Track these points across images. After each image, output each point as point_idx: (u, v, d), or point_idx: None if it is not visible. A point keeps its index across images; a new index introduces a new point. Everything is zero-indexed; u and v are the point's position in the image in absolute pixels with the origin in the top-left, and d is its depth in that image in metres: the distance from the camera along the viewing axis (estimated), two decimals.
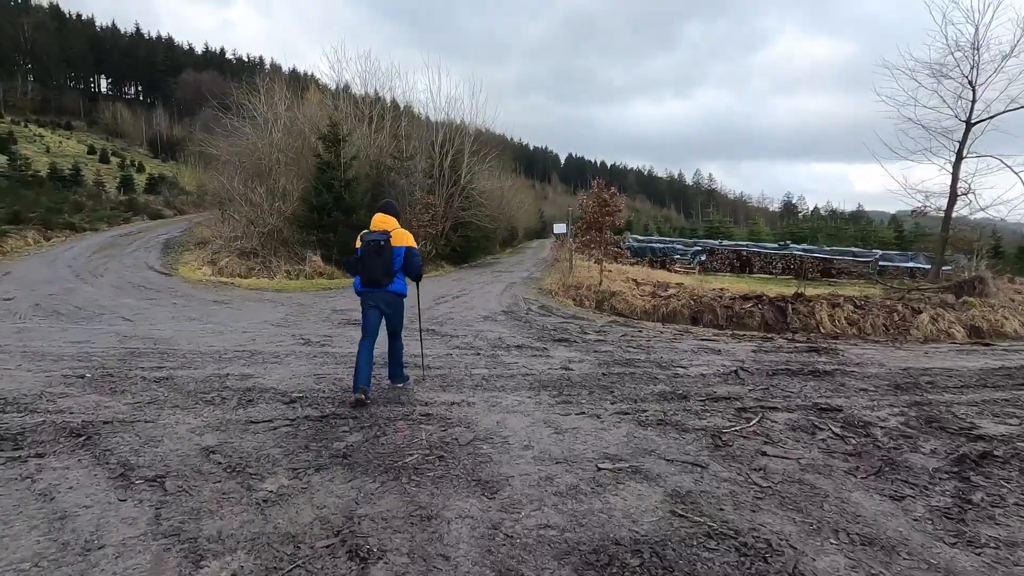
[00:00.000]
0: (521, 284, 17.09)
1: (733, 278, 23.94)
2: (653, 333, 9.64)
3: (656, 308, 14.59)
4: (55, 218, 22.63)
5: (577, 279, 16.30)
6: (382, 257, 4.48)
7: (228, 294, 11.88)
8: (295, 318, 9.16)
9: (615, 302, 15.16)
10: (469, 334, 8.35)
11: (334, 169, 18.21)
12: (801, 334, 11.77)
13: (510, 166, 52.34)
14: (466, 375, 5.70)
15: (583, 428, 4.10)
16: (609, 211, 15.31)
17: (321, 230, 18.01)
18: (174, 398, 4.45)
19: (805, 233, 35.87)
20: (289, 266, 16.51)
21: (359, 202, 18.65)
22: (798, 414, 4.66)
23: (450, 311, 10.81)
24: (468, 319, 9.92)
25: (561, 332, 9.00)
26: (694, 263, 25.59)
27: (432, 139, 25.81)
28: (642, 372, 6.08)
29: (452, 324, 9.25)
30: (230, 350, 6.49)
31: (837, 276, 23.98)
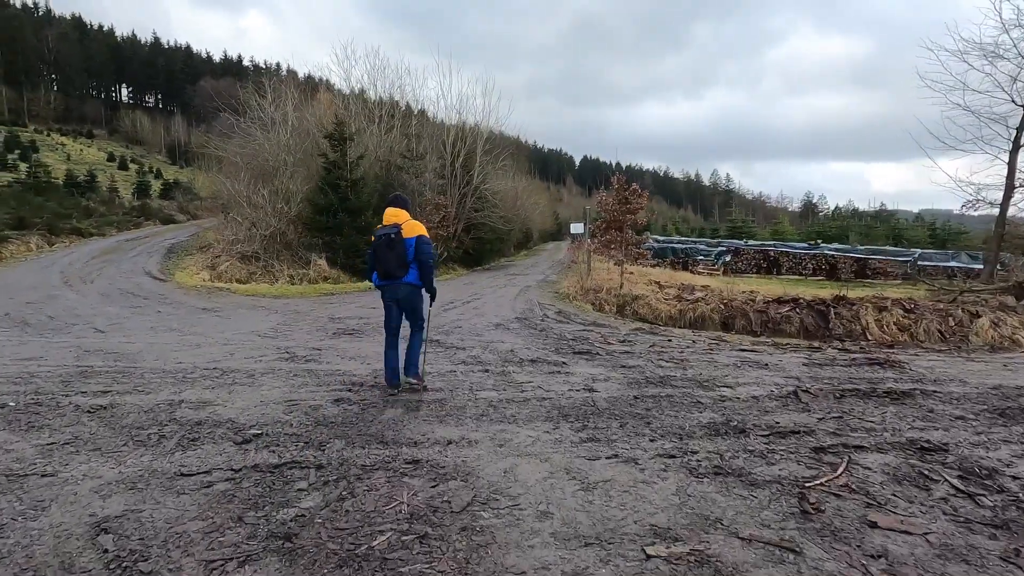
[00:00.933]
0: (536, 288, 16.10)
1: (761, 280, 22.67)
2: (684, 343, 8.58)
3: (682, 313, 13.50)
4: (61, 223, 22.22)
5: (596, 282, 15.27)
6: (394, 250, 4.47)
7: (221, 301, 11.08)
8: (286, 328, 8.29)
9: (637, 307, 14.09)
10: (478, 345, 7.39)
11: (340, 169, 17.43)
12: (849, 342, 10.59)
13: (524, 168, 51.45)
14: (470, 399, 4.73)
15: (618, 480, 3.11)
16: (630, 209, 14.26)
17: (326, 232, 17.23)
18: (101, 437, 3.56)
19: (832, 232, 34.30)
20: (293, 270, 15.74)
21: (366, 203, 17.84)
22: (894, 456, 3.61)
23: (459, 318, 9.87)
24: (478, 327, 8.96)
25: (581, 342, 8.00)
26: (718, 264, 24.34)
27: (443, 138, 24.98)
28: (681, 394, 5.06)
29: (459, 334, 8.30)
30: (199, 367, 5.60)
31: (873, 277, 22.57)
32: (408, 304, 4.74)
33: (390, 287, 4.65)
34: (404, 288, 4.63)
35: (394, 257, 4.49)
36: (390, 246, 4.49)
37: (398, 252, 4.48)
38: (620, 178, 14.31)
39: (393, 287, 4.63)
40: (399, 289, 4.63)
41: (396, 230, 4.53)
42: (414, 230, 4.59)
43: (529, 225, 43.41)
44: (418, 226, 4.68)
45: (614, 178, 14.28)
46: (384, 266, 4.54)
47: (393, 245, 4.49)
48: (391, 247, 4.49)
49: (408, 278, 4.59)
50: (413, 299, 4.73)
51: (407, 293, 4.67)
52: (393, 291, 4.65)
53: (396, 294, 4.66)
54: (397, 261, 4.50)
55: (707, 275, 22.76)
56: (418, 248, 4.57)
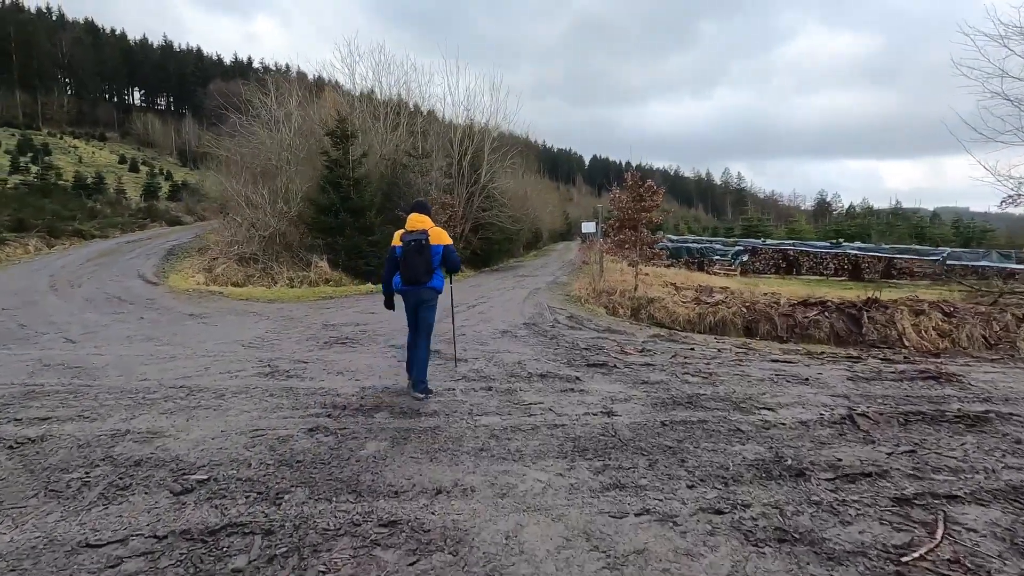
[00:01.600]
0: (546, 290, 15.37)
1: (780, 280, 21.77)
2: (709, 351, 7.82)
3: (702, 317, 12.71)
4: (63, 225, 21.86)
5: (609, 284, 14.52)
6: (423, 255, 4.56)
7: (211, 306, 10.48)
8: (274, 336, 7.65)
9: (653, 310, 13.32)
10: (482, 357, 6.69)
11: (341, 167, 16.82)
12: (886, 349, 9.76)
13: (534, 167, 50.74)
14: (469, 426, 4.03)
15: (654, 551, 2.39)
16: (645, 207, 13.50)
17: (327, 233, 16.62)
18: (11, 484, 2.89)
19: (852, 231, 33.21)
20: (293, 272, 15.14)
21: (369, 202, 17.21)
22: (1000, 510, 2.85)
23: (463, 324, 9.17)
24: (483, 335, 8.26)
25: (596, 352, 7.27)
26: (735, 264, 23.46)
27: (451, 136, 24.34)
28: (716, 419, 4.32)
29: (463, 342, 7.60)
30: (165, 385, 4.96)
31: (899, 277, 21.58)
32: (427, 308, 4.81)
33: (414, 291, 4.71)
34: (427, 292, 4.72)
35: (422, 262, 4.56)
36: (419, 251, 4.56)
37: (426, 257, 4.57)
38: (634, 175, 13.55)
39: (417, 291, 4.70)
40: (423, 292, 4.70)
41: (424, 236, 4.60)
42: (440, 238, 4.72)
43: (539, 225, 42.68)
44: (444, 234, 4.78)
45: (628, 175, 13.52)
46: (412, 271, 4.59)
47: (422, 250, 4.56)
48: (420, 252, 4.56)
49: (432, 283, 4.70)
50: (432, 303, 4.83)
51: (427, 297, 4.75)
52: (417, 295, 4.72)
53: (420, 297, 4.73)
54: (424, 266, 4.57)
55: (723, 276, 21.90)
56: (447, 257, 4.78)
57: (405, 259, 4.62)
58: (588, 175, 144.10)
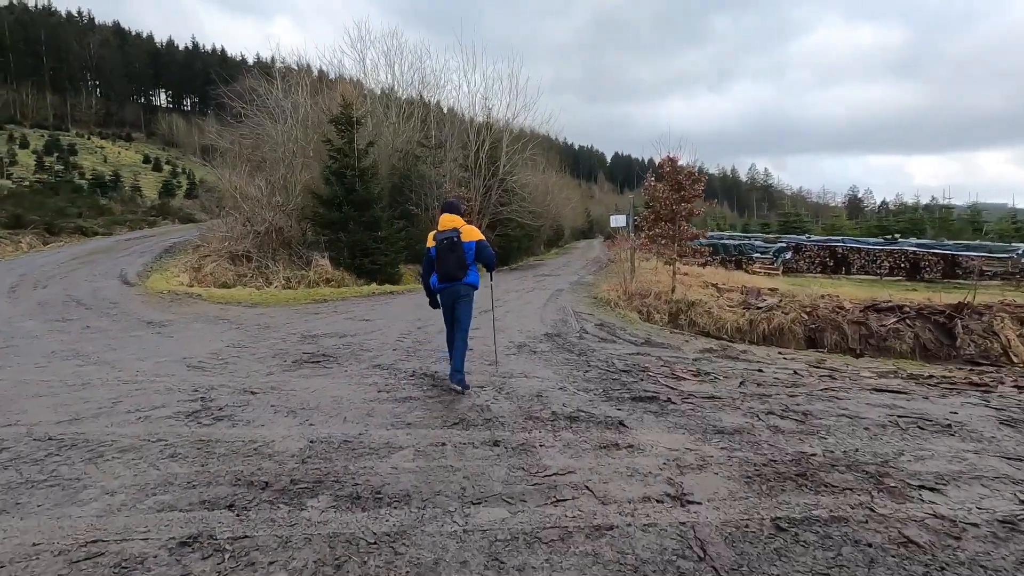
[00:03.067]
0: (570, 292, 13.71)
1: (829, 281, 19.69)
2: (782, 372, 6.10)
3: (753, 325, 10.89)
4: (63, 222, 20.97)
5: (642, 285, 12.79)
6: (455, 252, 4.64)
7: (181, 311, 9.10)
8: (234, 352, 6.17)
9: (695, 315, 11.55)
10: (490, 384, 5.11)
11: (346, 156, 15.39)
12: (993, 367, 7.88)
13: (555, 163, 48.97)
14: (454, 530, 2.43)
15: None
16: (685, 197, 11.73)
17: (330, 228, 15.22)
18: None
19: (899, 226, 30.72)
20: (291, 271, 13.76)
21: (376, 195, 15.75)
22: None
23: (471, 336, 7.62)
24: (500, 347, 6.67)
25: (638, 376, 5.62)
26: (777, 262, 21.41)
27: (466, 125, 22.81)
28: (860, 516, 2.64)
29: (469, 360, 6.02)
30: (33, 434, 3.48)
31: (965, 277, 19.32)
32: (463, 303, 4.86)
33: (451, 288, 4.79)
34: (463, 288, 4.79)
35: (455, 259, 4.65)
36: (452, 249, 4.64)
37: (459, 254, 4.65)
38: (672, 160, 11.79)
39: (454, 288, 4.77)
40: (459, 289, 4.77)
41: (456, 234, 4.68)
42: (472, 235, 4.78)
43: (560, 222, 40.99)
44: (475, 231, 4.85)
45: (664, 158, 11.77)
46: (446, 268, 4.69)
47: (455, 248, 4.65)
48: (453, 250, 4.64)
49: (467, 279, 4.77)
50: (468, 299, 4.88)
51: (464, 293, 4.81)
52: (454, 291, 4.79)
53: (456, 293, 4.79)
54: (457, 263, 4.66)
55: (764, 275, 19.90)
56: (481, 252, 4.79)
57: (439, 257, 4.70)
58: (610, 172, 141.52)
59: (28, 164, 46.78)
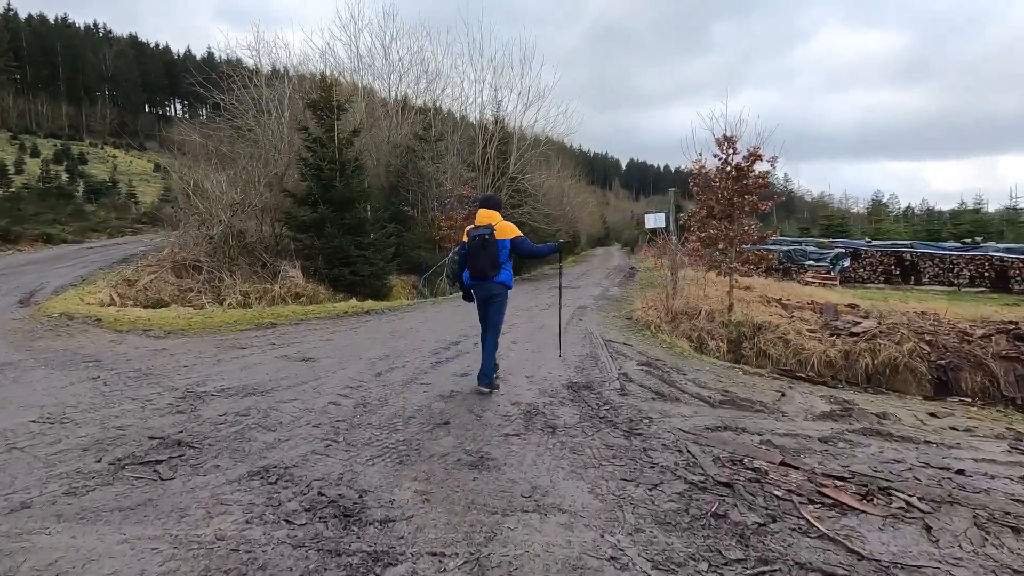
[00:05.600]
0: (595, 309, 10.97)
1: (897, 292, 16.66)
2: (1001, 472, 3.30)
3: (850, 358, 8.01)
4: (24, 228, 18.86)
5: (687, 302, 10.00)
6: (487, 250, 4.54)
7: (46, 345, 6.55)
8: (25, 437, 3.55)
9: (765, 343, 8.67)
10: (459, 545, 2.38)
11: (325, 147, 12.88)
12: None
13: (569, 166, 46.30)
14: None
15: None
16: (747, 188, 8.97)
17: (303, 231, 12.71)
18: None
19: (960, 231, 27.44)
20: (252, 284, 11.22)
21: (359, 193, 13.20)
22: None
23: (461, 384, 4.98)
24: (488, 419, 4.01)
25: (754, 496, 2.86)
26: (835, 271, 18.42)
27: (472, 117, 20.30)
28: None
29: (445, 444, 3.36)
30: None
31: None
32: (495, 303, 4.73)
33: (482, 286, 4.67)
34: (495, 287, 4.66)
35: (487, 257, 4.54)
36: (484, 246, 4.54)
37: (491, 252, 4.55)
38: (730, 139, 9.03)
39: (485, 286, 4.66)
40: (491, 287, 4.65)
41: (489, 231, 4.57)
42: (507, 232, 4.66)
43: (576, 227, 38.22)
44: (511, 228, 4.72)
45: (720, 136, 9.01)
46: (476, 266, 4.58)
47: (487, 245, 4.54)
48: (484, 247, 4.54)
49: (499, 278, 4.64)
50: (501, 298, 4.74)
51: (496, 292, 4.69)
52: (485, 290, 4.68)
53: (488, 292, 4.68)
54: (490, 261, 4.54)
55: (819, 285, 16.91)
56: (519, 247, 4.69)
57: (471, 254, 4.60)
58: (624, 179, 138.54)
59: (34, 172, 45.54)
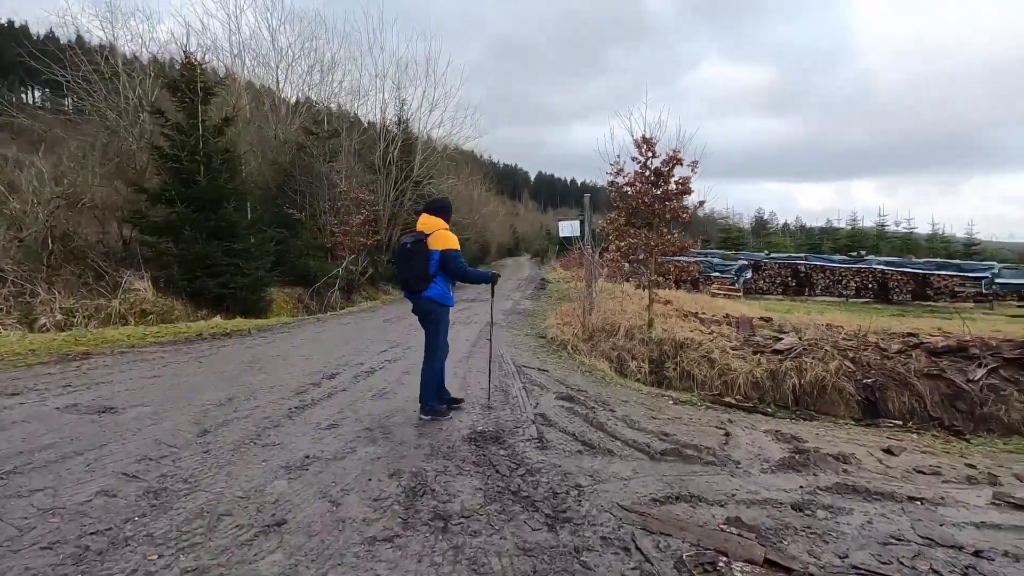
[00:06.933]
0: (506, 326, 9.87)
1: (792, 303, 17.24)
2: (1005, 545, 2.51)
3: (776, 378, 7.51)
4: None
5: (606, 318, 9.17)
6: (413, 261, 4.07)
7: None
8: None
9: (689, 363, 7.99)
10: None
11: (186, 135, 10.78)
12: None
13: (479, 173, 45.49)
14: None
15: None
16: (669, 192, 8.31)
17: (158, 235, 10.52)
18: None
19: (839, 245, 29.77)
20: (81, 300, 8.90)
21: (230, 191, 11.21)
22: None
23: (325, 444, 3.60)
24: (355, 505, 2.67)
25: None
26: (739, 283, 18.81)
27: (373, 116, 18.69)
28: None
29: (278, 556, 1.97)
30: None
31: (936, 298, 17.55)
32: (428, 321, 4.23)
33: (414, 301, 4.19)
34: (424, 303, 4.14)
35: (411, 269, 4.06)
36: (406, 256, 4.08)
37: (416, 264, 4.04)
38: (648, 141, 8.34)
39: (416, 301, 4.17)
40: (421, 303, 4.15)
41: (420, 238, 4.05)
42: (439, 242, 4.05)
43: (487, 237, 37.34)
44: (445, 238, 4.09)
45: (640, 138, 8.29)
46: (403, 276, 4.19)
47: (410, 255, 4.05)
48: (410, 257, 4.06)
49: (428, 292, 4.09)
50: (433, 316, 4.20)
51: (426, 309, 4.17)
52: (417, 305, 4.20)
53: (419, 308, 4.20)
54: (414, 273, 4.06)
55: (724, 297, 17.10)
56: (445, 263, 4.07)
57: (397, 263, 4.23)
58: (534, 191, 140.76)
59: None
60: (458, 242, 4.22)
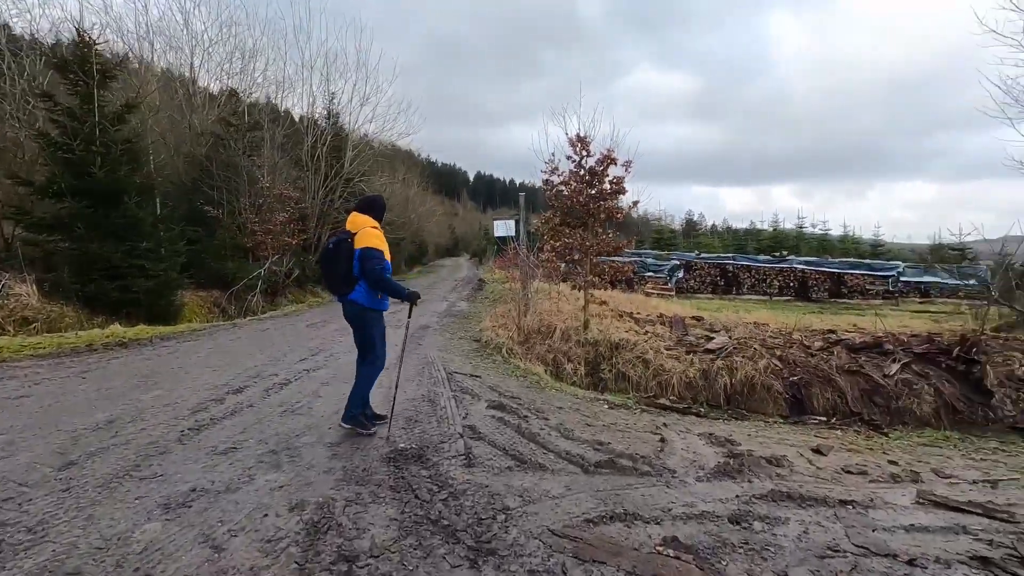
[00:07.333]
0: (439, 329, 9.49)
1: (722, 302, 17.84)
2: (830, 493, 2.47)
3: (709, 377, 7.57)
4: None
5: (542, 319, 8.99)
6: (335, 261, 3.79)
7: None
8: None
9: (624, 364, 7.93)
10: None
11: (79, 121, 9.67)
12: None
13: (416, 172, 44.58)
14: None
15: None
16: (603, 193, 8.23)
17: (42, 232, 9.39)
18: None
19: (763, 246, 31.31)
20: None
21: (132, 184, 10.19)
22: None
23: (220, 472, 3.12)
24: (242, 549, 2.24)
25: None
26: (672, 282, 19.27)
27: (302, 109, 17.74)
28: None
29: None
30: None
31: (849, 296, 18.70)
32: (355, 326, 3.94)
33: (341, 304, 3.89)
34: (349, 307, 3.85)
35: (335, 270, 3.79)
36: (329, 257, 3.83)
37: (340, 265, 3.75)
38: (583, 140, 8.22)
39: (342, 304, 3.88)
40: (347, 307, 3.86)
41: (346, 238, 3.79)
42: (363, 240, 3.73)
43: (424, 237, 36.60)
44: (373, 237, 3.76)
45: (574, 137, 8.15)
46: (327, 280, 3.98)
47: (334, 256, 3.78)
48: (334, 257, 3.79)
49: (354, 295, 3.80)
50: (360, 321, 3.90)
51: (354, 313, 3.87)
52: (343, 309, 3.90)
53: (346, 311, 3.90)
54: (338, 275, 3.79)
55: (658, 296, 17.46)
56: (363, 264, 3.73)
57: (322, 264, 4.01)
58: (473, 191, 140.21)
59: None
60: (384, 243, 3.85)
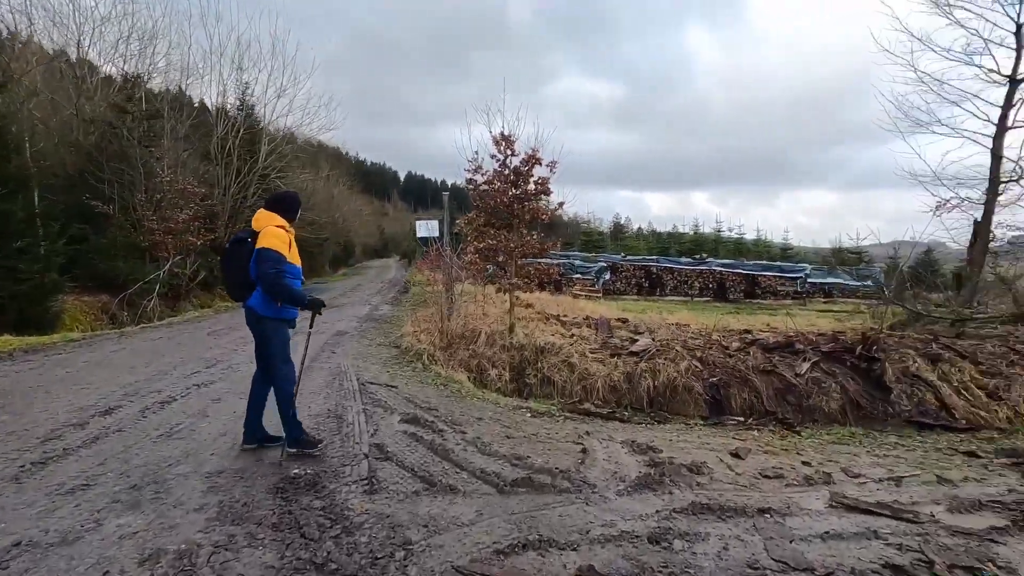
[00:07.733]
0: (357, 335, 8.96)
1: (648, 303, 18.29)
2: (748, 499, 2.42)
3: (632, 381, 7.55)
4: None
5: (466, 323, 8.68)
6: (232, 263, 3.44)
7: None
8: None
9: (549, 369, 7.77)
10: None
11: None
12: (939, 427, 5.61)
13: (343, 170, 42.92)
14: None
15: None
16: (527, 193, 8.05)
17: None
18: None
19: (684, 248, 32.62)
20: None
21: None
22: None
23: (54, 520, 2.56)
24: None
25: None
26: (599, 284, 19.52)
27: (212, 97, 16.45)
28: None
29: None
30: None
31: (763, 296, 19.73)
32: (255, 336, 3.51)
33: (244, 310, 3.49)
34: (248, 314, 3.45)
35: (233, 273, 3.44)
36: (228, 258, 3.47)
37: (238, 267, 3.40)
38: (507, 138, 8.00)
39: (245, 311, 3.47)
40: (247, 314, 3.46)
41: (247, 237, 3.43)
42: (264, 239, 3.31)
43: (350, 237, 35.25)
44: (272, 235, 3.32)
45: (498, 135, 7.92)
46: (226, 283, 3.61)
47: (232, 256, 3.44)
48: (229, 259, 3.46)
49: (252, 301, 3.39)
50: (258, 330, 3.47)
51: (251, 321, 3.46)
52: (245, 315, 3.50)
53: (247, 319, 3.49)
54: (235, 278, 3.44)
55: (586, 298, 17.63)
56: (257, 265, 3.33)
57: (222, 265, 3.63)
58: (403, 192, 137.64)
59: None
60: (285, 243, 3.39)
